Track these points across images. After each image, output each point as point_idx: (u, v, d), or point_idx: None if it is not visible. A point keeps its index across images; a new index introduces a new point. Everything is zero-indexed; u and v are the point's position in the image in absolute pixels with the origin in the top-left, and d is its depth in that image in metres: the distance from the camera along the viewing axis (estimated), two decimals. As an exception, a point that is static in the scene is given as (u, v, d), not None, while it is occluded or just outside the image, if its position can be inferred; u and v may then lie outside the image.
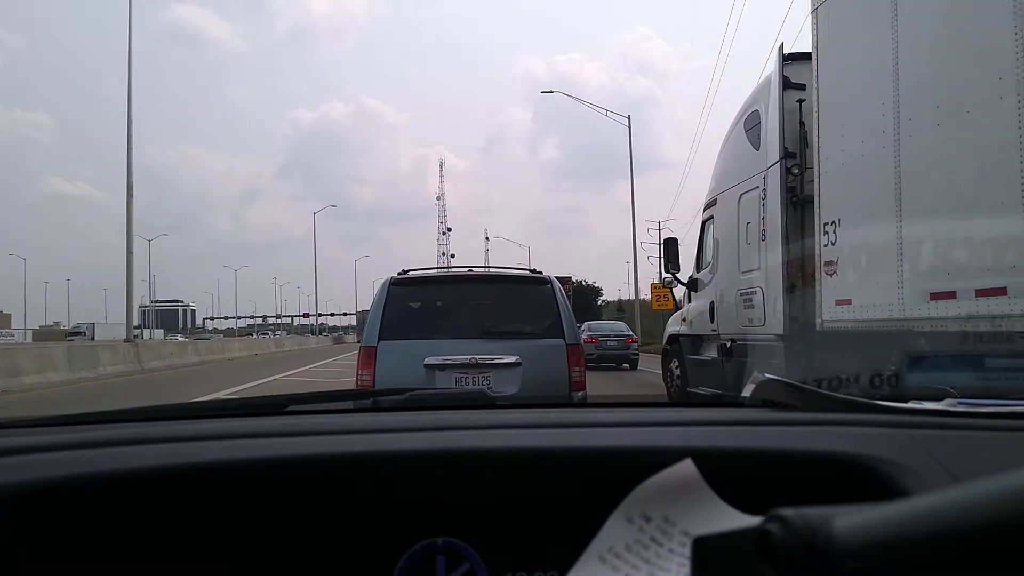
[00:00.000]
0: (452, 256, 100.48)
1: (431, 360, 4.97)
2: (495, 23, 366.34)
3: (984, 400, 1.10)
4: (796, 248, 6.59)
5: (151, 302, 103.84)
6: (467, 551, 0.93)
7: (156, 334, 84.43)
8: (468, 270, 6.48)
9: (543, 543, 0.92)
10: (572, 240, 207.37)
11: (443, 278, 6.37)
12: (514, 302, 5.58)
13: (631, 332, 22.05)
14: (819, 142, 6.02)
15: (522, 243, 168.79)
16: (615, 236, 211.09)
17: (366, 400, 1.56)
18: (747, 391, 1.16)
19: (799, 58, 6.83)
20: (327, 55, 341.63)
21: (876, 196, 5.19)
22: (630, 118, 30.80)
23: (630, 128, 30.44)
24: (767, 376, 1.15)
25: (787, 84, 6.84)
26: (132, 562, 0.87)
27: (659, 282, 30.01)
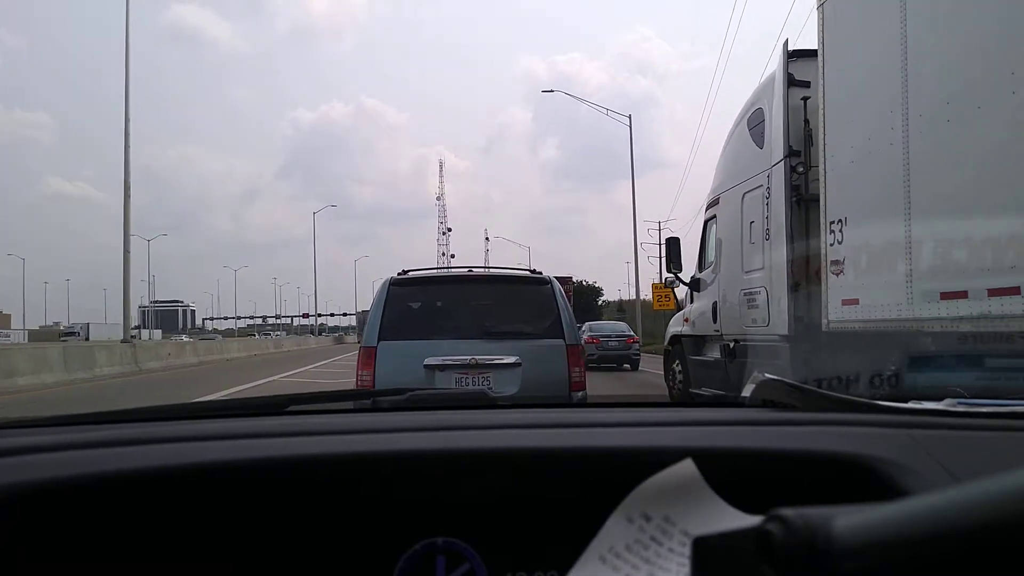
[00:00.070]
0: (452, 256, 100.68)
1: (431, 360, 4.97)
2: (495, 23, 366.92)
3: (984, 400, 1.10)
4: (801, 247, 6.49)
5: (150, 302, 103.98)
6: (467, 551, 0.93)
7: (155, 334, 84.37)
8: (468, 270, 6.48)
9: (543, 543, 0.92)
10: (572, 240, 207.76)
11: (443, 278, 6.37)
12: (514, 302, 5.58)
13: (632, 332, 22.03)
14: (825, 139, 5.89)
15: (522, 243, 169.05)
16: (615, 236, 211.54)
17: (366, 400, 1.56)
18: (747, 391, 1.17)
19: (803, 55, 6.73)
20: (327, 55, 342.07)
21: (884, 194, 5.08)
22: (631, 117, 30.75)
23: (631, 127, 30.37)
24: (767, 376, 1.15)
25: (791, 81, 6.72)
26: (133, 562, 0.87)
27: (660, 282, 30.04)
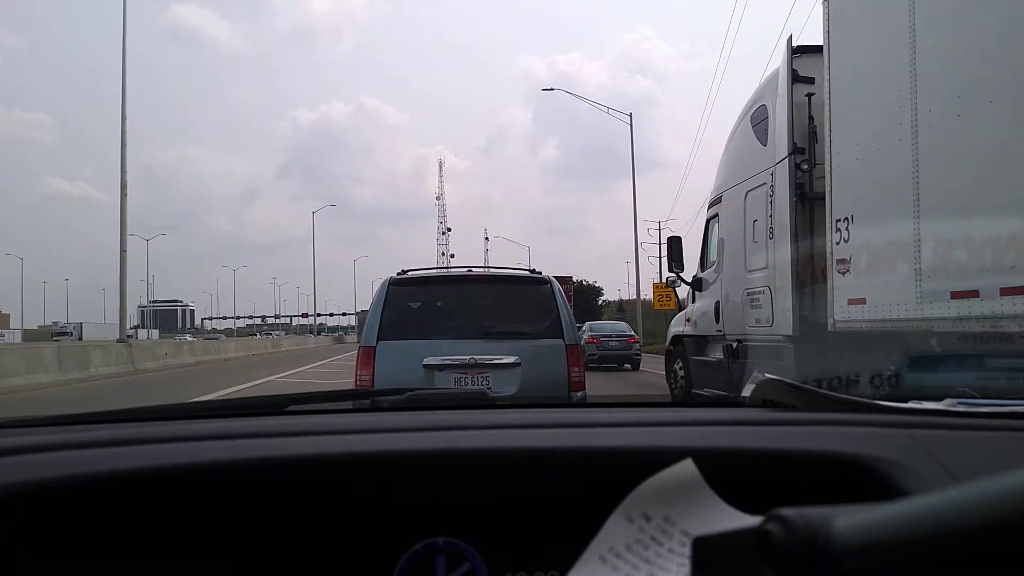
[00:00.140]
0: (452, 256, 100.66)
1: (430, 360, 4.97)
2: (495, 23, 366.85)
3: (984, 400, 1.10)
4: (805, 246, 6.39)
5: (149, 302, 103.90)
6: (467, 551, 0.93)
7: (152, 334, 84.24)
8: (467, 270, 6.48)
9: (543, 543, 0.92)
10: (572, 240, 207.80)
11: (442, 278, 6.36)
12: (513, 302, 5.57)
13: (633, 332, 22.00)
14: (831, 136, 5.79)
15: (522, 243, 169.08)
16: (615, 236, 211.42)
17: (365, 400, 1.56)
18: (747, 391, 1.16)
19: (807, 51, 6.66)
20: (327, 55, 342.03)
21: (892, 191, 4.98)
22: (632, 116, 30.68)
23: (632, 126, 30.31)
24: (767, 376, 1.15)
25: (795, 78, 6.63)
26: (132, 562, 0.87)
27: (660, 282, 30.02)
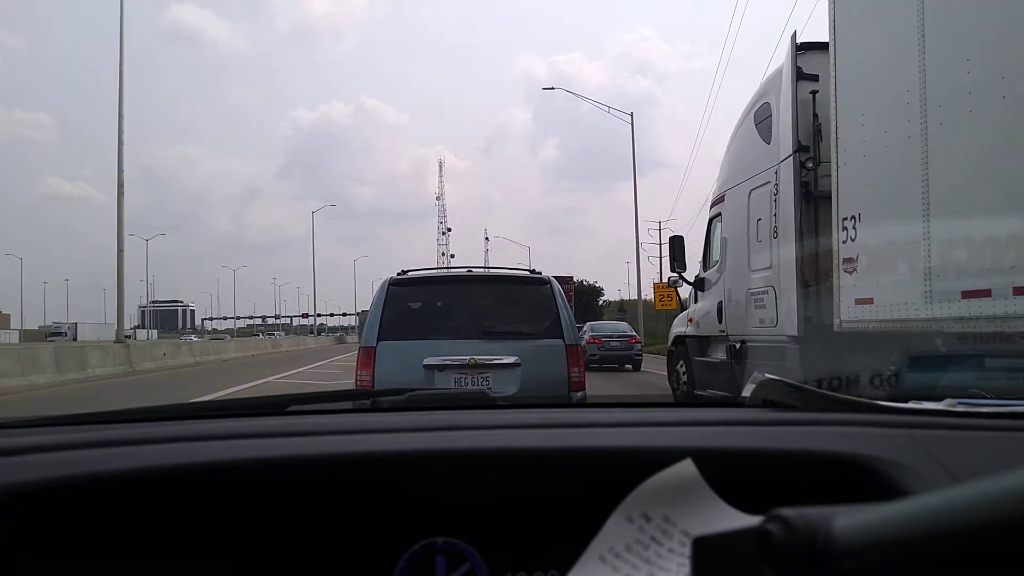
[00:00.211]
0: (452, 256, 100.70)
1: (430, 360, 4.97)
2: (495, 23, 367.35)
3: (984, 400, 1.10)
4: (810, 245, 6.30)
5: (150, 302, 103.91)
6: (467, 551, 0.93)
7: (152, 334, 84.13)
8: (467, 270, 6.48)
9: (543, 543, 0.92)
10: (572, 240, 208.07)
11: (442, 278, 6.36)
12: (513, 302, 5.58)
13: (634, 332, 21.97)
14: (837, 133, 5.68)
15: (522, 243, 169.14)
16: (615, 236, 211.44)
17: (366, 400, 1.56)
18: (747, 391, 1.16)
19: (812, 48, 6.58)
20: (327, 55, 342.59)
21: (900, 188, 4.88)
22: (633, 115, 30.63)
23: (633, 125, 30.25)
24: (767, 376, 1.15)
25: (800, 75, 6.56)
26: (132, 562, 0.87)
27: (661, 282, 29.98)
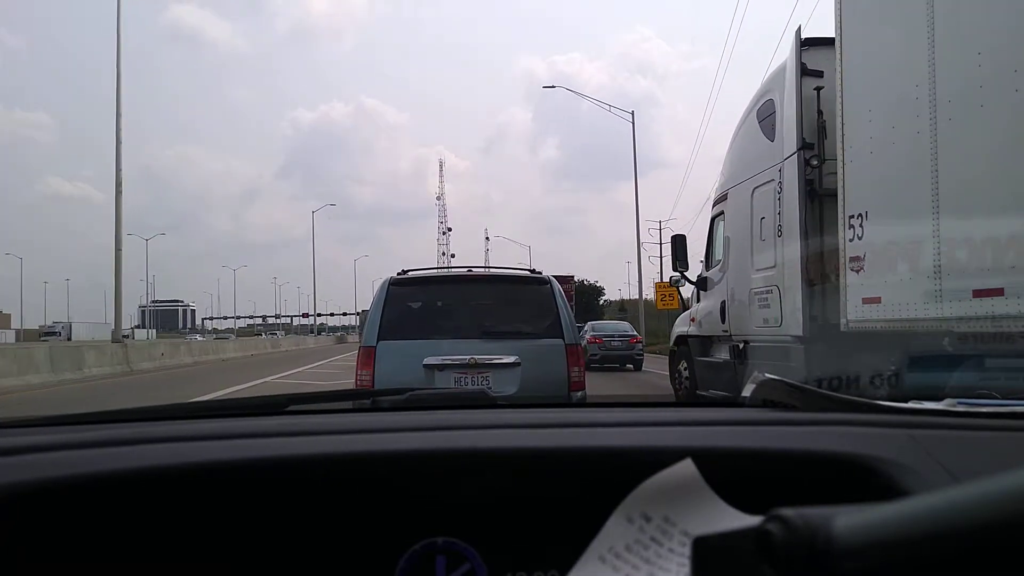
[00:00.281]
0: (452, 256, 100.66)
1: (430, 360, 4.97)
2: (495, 23, 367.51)
3: (984, 400, 1.10)
4: (815, 244, 6.21)
5: (150, 302, 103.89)
6: (467, 551, 0.92)
7: (150, 334, 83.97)
8: (467, 270, 6.48)
9: (543, 543, 0.91)
10: (572, 240, 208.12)
11: (442, 278, 6.37)
12: (513, 302, 5.58)
13: (635, 332, 21.93)
14: (843, 130, 5.58)
15: (522, 243, 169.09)
16: (615, 236, 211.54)
17: (366, 400, 1.56)
18: (747, 391, 1.17)
19: (816, 43, 6.50)
20: (327, 55, 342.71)
21: (909, 185, 4.78)
22: (634, 113, 30.65)
23: (634, 124, 30.27)
24: (767, 376, 1.15)
25: (804, 71, 6.45)
26: (132, 562, 0.87)
27: (662, 281, 29.98)
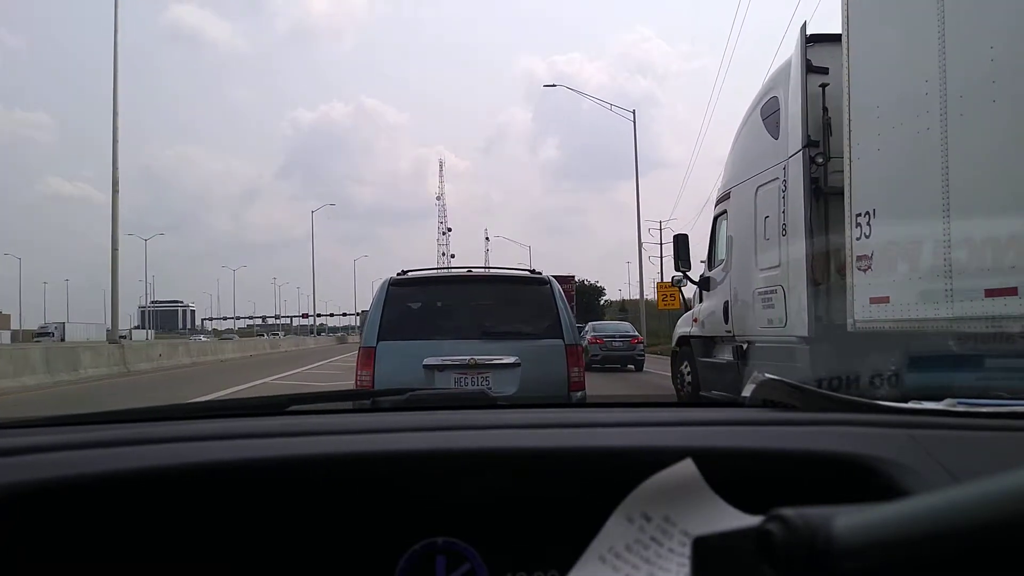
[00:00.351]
0: (452, 256, 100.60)
1: (430, 360, 4.97)
2: (495, 23, 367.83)
3: (984, 400, 1.10)
4: (821, 243, 6.13)
5: (150, 302, 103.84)
6: (467, 551, 0.93)
7: (148, 334, 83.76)
8: (467, 270, 6.48)
9: (543, 543, 0.92)
10: (572, 240, 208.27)
11: (442, 279, 6.37)
12: (513, 303, 5.58)
13: (636, 332, 21.87)
14: (850, 127, 5.49)
15: (522, 243, 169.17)
16: (615, 236, 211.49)
17: (366, 400, 1.56)
18: (747, 391, 1.17)
19: (821, 40, 6.43)
20: (327, 55, 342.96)
21: (918, 183, 4.70)
22: (635, 112, 30.71)
23: (635, 123, 30.32)
24: (767, 376, 1.15)
25: (809, 68, 6.39)
26: (132, 562, 0.87)
27: (663, 281, 29.98)
